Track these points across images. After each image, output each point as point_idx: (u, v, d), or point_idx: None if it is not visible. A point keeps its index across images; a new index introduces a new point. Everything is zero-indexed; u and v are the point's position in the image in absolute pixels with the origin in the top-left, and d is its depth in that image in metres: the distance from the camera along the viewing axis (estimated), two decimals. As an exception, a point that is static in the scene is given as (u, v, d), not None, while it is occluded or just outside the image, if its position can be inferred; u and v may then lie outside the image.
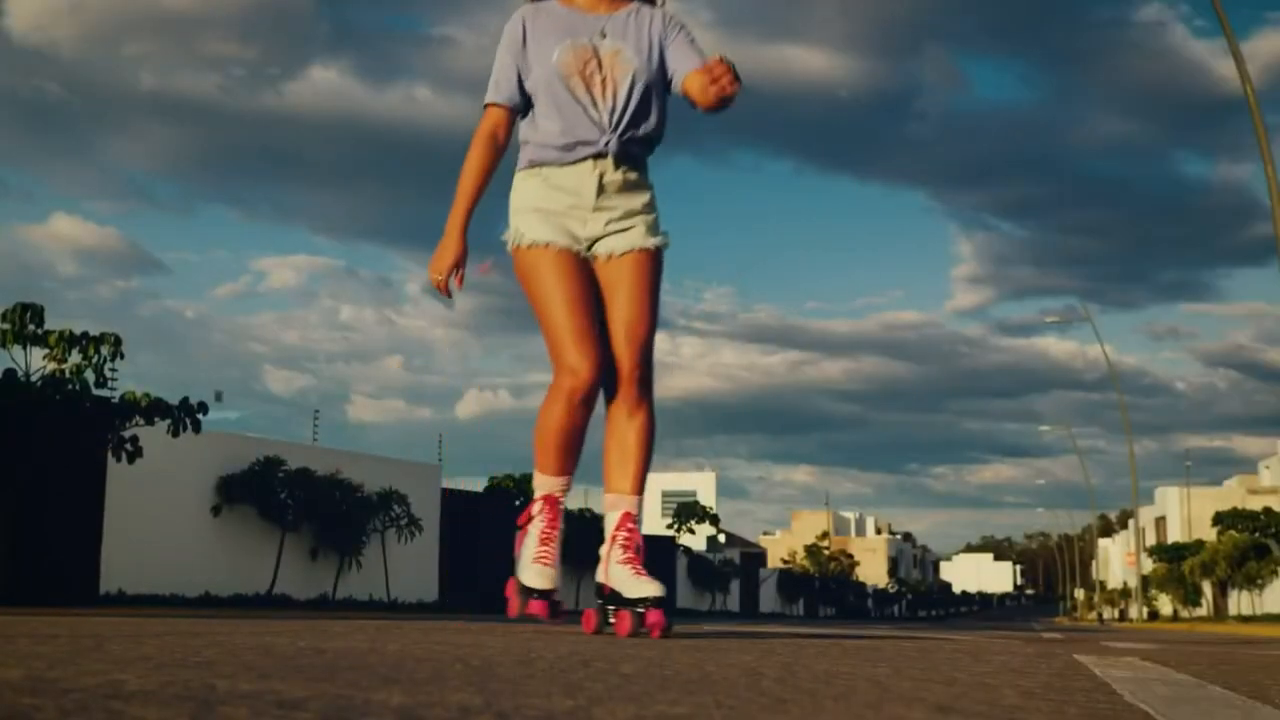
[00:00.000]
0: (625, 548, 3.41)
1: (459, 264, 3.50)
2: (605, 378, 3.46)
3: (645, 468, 3.53)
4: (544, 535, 3.44)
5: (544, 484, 3.49)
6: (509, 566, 3.55)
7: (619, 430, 3.51)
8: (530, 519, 3.51)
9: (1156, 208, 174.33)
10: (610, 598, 3.42)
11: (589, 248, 3.48)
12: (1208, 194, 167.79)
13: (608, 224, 3.47)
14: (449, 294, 3.50)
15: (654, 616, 3.28)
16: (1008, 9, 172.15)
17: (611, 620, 3.40)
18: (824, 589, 49.02)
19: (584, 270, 3.46)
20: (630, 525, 3.46)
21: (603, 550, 3.47)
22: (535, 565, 3.39)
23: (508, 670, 1.71)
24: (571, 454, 3.45)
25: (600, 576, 3.46)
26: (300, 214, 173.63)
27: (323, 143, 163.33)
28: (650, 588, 3.32)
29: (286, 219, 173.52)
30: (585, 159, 3.44)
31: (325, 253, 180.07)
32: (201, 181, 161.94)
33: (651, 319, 3.52)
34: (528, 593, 3.39)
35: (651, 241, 3.52)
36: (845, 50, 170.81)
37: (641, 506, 3.54)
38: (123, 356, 10.41)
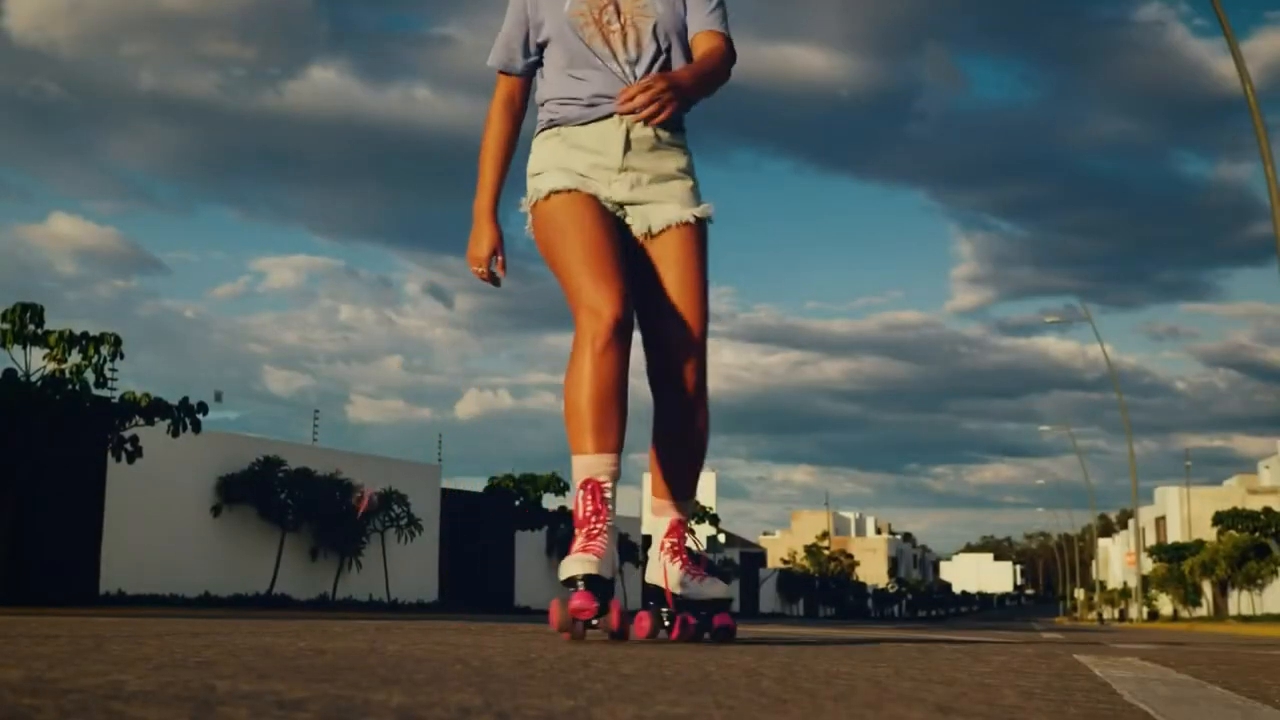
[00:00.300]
0: (675, 552, 3.10)
1: (497, 249, 3.17)
2: (653, 376, 3.12)
3: (699, 470, 3.20)
4: (589, 529, 2.83)
5: (582, 467, 2.88)
6: (509, 566, 3.42)
7: (671, 430, 3.14)
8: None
9: (1156, 207, 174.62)
10: (662, 598, 3.12)
11: (621, 215, 3.12)
12: (1207, 194, 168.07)
13: (634, 188, 3.09)
14: (496, 282, 3.19)
15: (719, 620, 3.07)
16: (1008, 9, 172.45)
17: (666, 624, 3.10)
18: (824, 589, 49.03)
19: (611, 219, 3.07)
20: (682, 532, 3.14)
21: (651, 553, 3.19)
22: (576, 554, 2.78)
23: (508, 670, 1.71)
24: (609, 420, 2.86)
25: (650, 578, 3.14)
26: (300, 214, 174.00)
27: (322, 143, 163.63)
28: (716, 589, 3.06)
29: (286, 219, 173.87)
30: (610, 115, 3.07)
31: (325, 253, 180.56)
32: (201, 181, 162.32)
33: (705, 306, 3.12)
34: (568, 587, 2.77)
35: (693, 212, 3.12)
36: (845, 50, 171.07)
37: (691, 502, 3.22)
38: (122, 356, 10.42)
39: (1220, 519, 36.24)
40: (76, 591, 12.23)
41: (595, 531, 2.80)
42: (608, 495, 2.85)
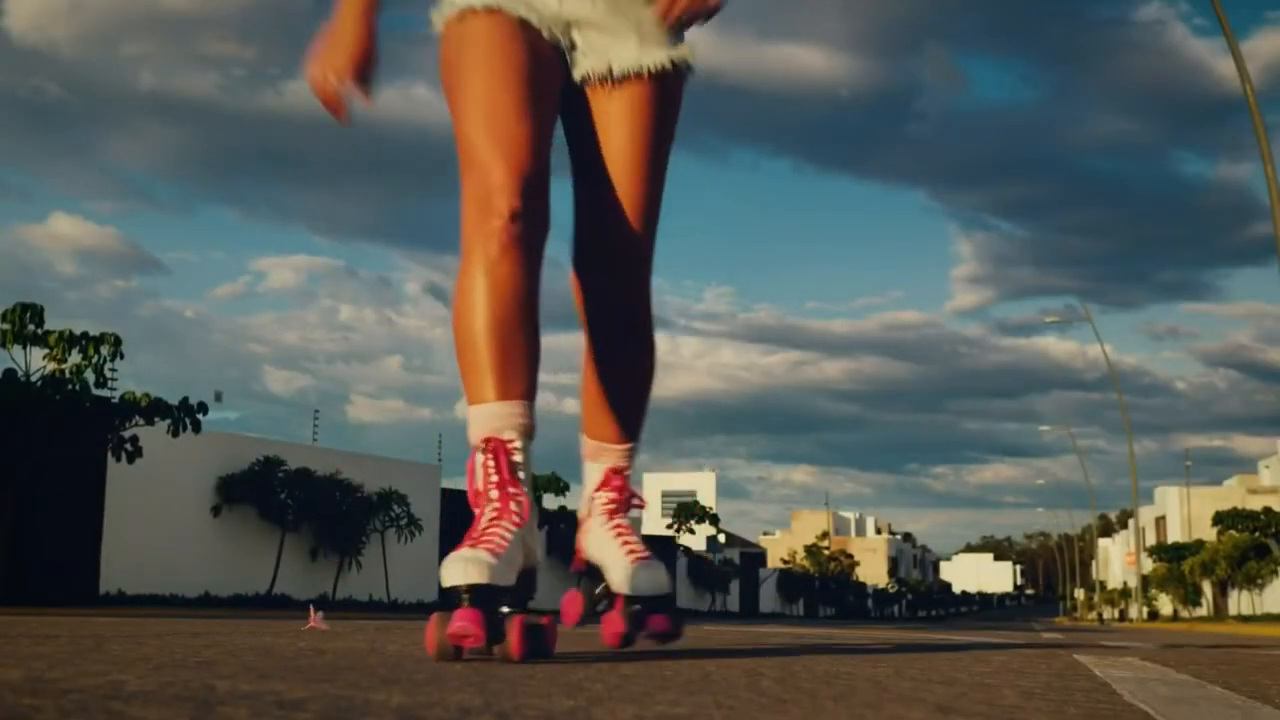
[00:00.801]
0: (611, 513, 2.43)
1: (365, 63, 2.28)
2: (584, 278, 2.39)
3: (639, 407, 2.49)
4: (492, 510, 2.03)
5: (480, 420, 2.09)
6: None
7: (601, 361, 2.46)
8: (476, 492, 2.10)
9: (1156, 207, 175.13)
10: (594, 576, 2.46)
11: (567, 44, 2.29)
12: (1207, 194, 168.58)
13: (594, 6, 2.26)
14: (344, 116, 2.30)
15: (659, 622, 2.36)
16: (1008, 8, 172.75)
17: (601, 608, 2.46)
18: (824, 589, 49.07)
19: (547, 55, 2.24)
20: (618, 484, 2.45)
21: (580, 514, 2.50)
22: (465, 551, 1.95)
23: (507, 671, 1.71)
24: (514, 355, 2.11)
25: (591, 552, 2.44)
26: (299, 214, 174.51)
27: (322, 143, 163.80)
28: (654, 579, 2.35)
29: (286, 219, 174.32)
30: None
31: (324, 253, 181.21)
32: (201, 181, 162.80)
33: (658, 188, 2.35)
34: (452, 600, 1.92)
35: (663, 56, 2.30)
36: (845, 49, 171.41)
37: (632, 460, 2.50)
38: (122, 356, 10.45)
39: (1220, 519, 36.28)
40: (76, 591, 12.22)
41: (498, 513, 2.03)
42: (517, 459, 2.08)
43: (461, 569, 1.91)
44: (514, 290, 2.11)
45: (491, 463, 2.06)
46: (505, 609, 1.92)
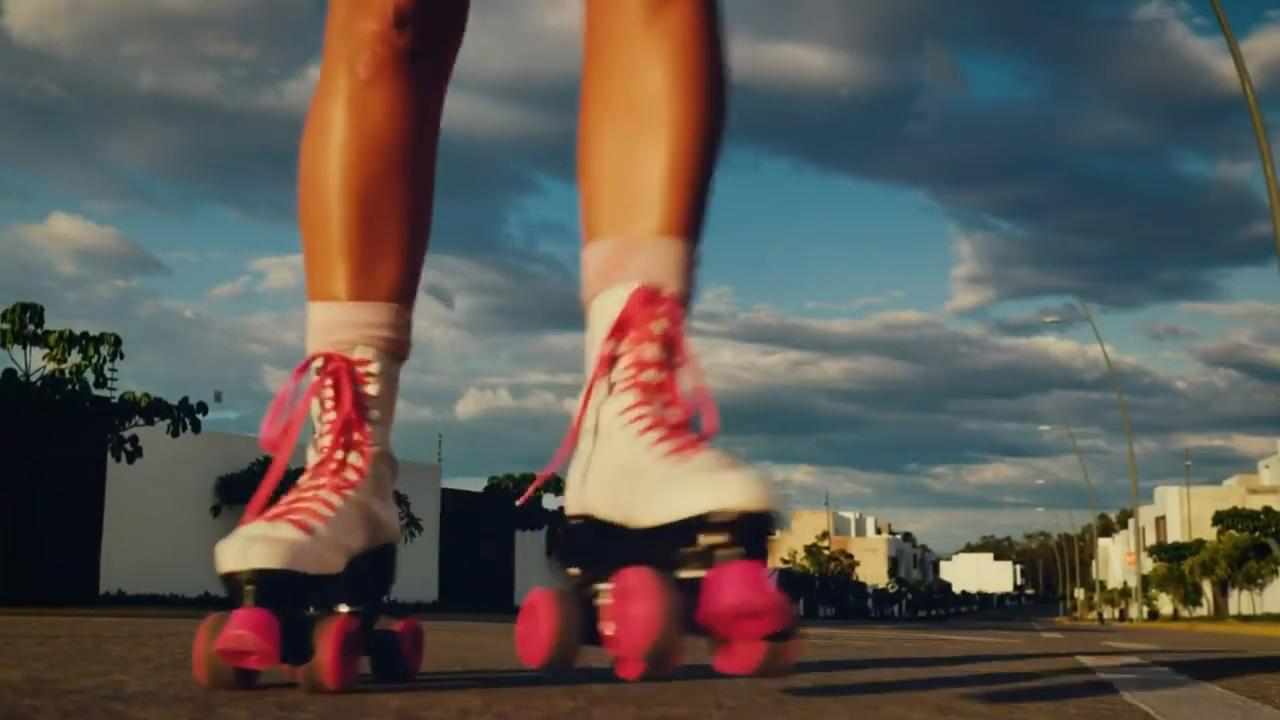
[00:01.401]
0: (640, 388, 1.22)
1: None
2: None
3: (702, 161, 1.31)
4: (319, 462, 1.39)
5: (321, 326, 1.42)
6: (509, 566, 2.75)
7: (615, 62, 1.33)
8: (283, 430, 1.37)
9: (1156, 207, 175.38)
10: (590, 552, 1.24)
11: None
12: (1207, 193, 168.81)
13: None
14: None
15: (737, 585, 1.04)
16: (1008, 8, 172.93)
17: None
18: (824, 589, 49.09)
19: None
20: (657, 319, 1.25)
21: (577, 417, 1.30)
22: (254, 526, 1.30)
23: (508, 671, 1.71)
24: (381, 229, 1.44)
25: (576, 501, 1.27)
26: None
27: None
28: (738, 489, 1.05)
29: (286, 219, 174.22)
30: None
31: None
32: (201, 181, 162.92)
33: None
34: (229, 597, 1.28)
35: None
36: (845, 49, 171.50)
37: (692, 269, 1.31)
38: (122, 356, 10.46)
39: (1220, 519, 36.32)
40: (76, 591, 12.23)
41: (333, 468, 1.38)
42: (371, 390, 1.42)
43: (240, 549, 1.27)
44: (390, 130, 1.44)
45: (330, 392, 1.38)
46: (345, 608, 1.30)
